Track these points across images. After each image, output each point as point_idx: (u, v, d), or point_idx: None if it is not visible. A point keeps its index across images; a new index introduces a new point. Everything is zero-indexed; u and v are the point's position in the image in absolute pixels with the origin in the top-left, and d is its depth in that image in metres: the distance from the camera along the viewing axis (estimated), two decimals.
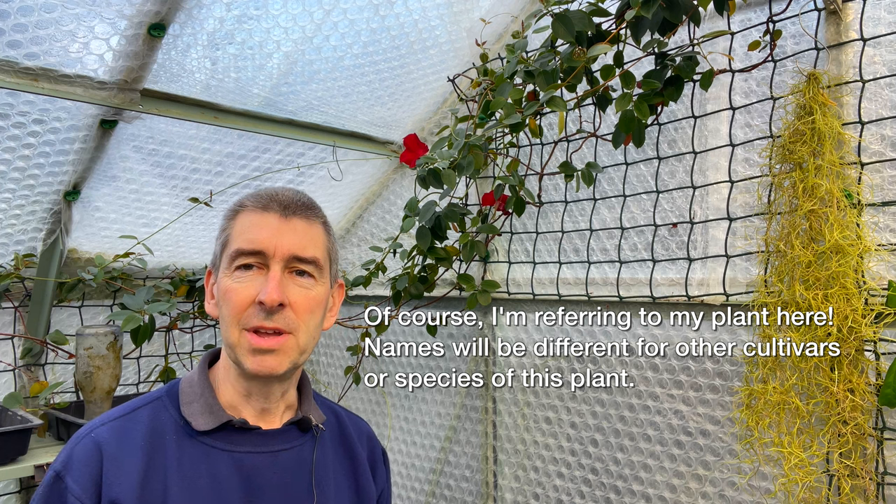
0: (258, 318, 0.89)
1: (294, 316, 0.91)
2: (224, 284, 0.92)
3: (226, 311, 0.91)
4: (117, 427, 0.91)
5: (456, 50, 1.99)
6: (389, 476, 1.14)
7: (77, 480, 0.86)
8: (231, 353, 0.92)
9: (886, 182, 1.37)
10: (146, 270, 2.09)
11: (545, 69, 1.39)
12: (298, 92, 1.97)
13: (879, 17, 1.40)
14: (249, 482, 0.91)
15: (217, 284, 0.95)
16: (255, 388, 0.94)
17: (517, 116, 1.43)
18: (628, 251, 1.81)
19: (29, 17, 1.45)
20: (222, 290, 0.92)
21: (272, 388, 0.95)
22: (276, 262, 0.91)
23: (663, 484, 1.71)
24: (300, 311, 0.91)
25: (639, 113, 1.42)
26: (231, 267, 0.92)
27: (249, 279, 0.90)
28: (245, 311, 0.89)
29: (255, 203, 0.94)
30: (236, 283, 0.91)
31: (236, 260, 0.91)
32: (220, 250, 0.95)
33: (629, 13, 1.29)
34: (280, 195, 0.95)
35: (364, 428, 1.12)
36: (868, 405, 1.24)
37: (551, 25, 1.33)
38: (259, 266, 0.91)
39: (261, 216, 0.92)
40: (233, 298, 0.90)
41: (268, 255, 0.91)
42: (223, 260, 0.94)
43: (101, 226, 2.00)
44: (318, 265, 0.94)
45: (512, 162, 1.72)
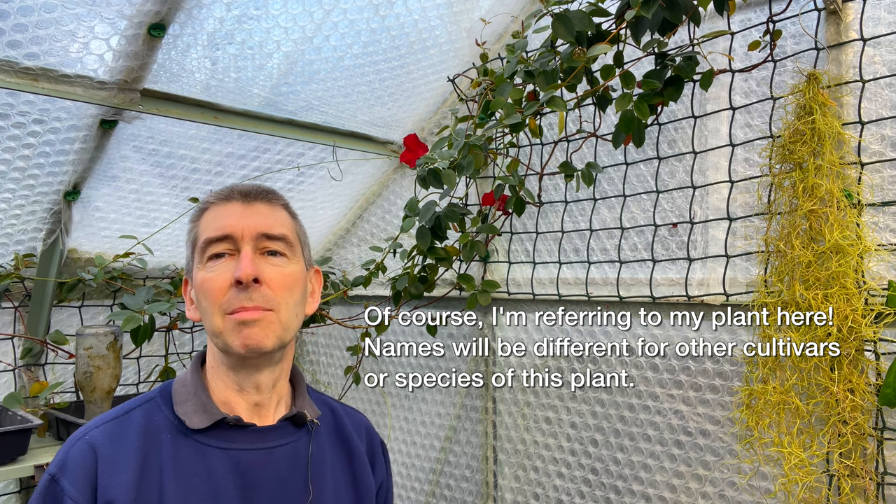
0: (238, 299, 0.90)
1: (271, 293, 0.92)
2: (199, 277, 0.93)
3: (206, 301, 0.92)
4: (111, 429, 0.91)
5: (456, 50, 1.99)
6: (389, 467, 1.14)
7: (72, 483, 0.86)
8: (218, 342, 0.93)
9: (886, 182, 1.37)
10: (146, 270, 2.09)
11: (545, 69, 1.39)
12: (298, 92, 1.97)
13: (879, 17, 1.40)
14: (245, 479, 0.91)
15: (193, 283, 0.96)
16: (246, 378, 0.94)
17: (517, 116, 1.43)
18: (628, 251, 1.81)
19: (29, 17, 1.45)
20: (198, 284, 0.93)
21: (262, 375, 0.95)
22: (246, 242, 0.92)
23: (663, 484, 1.71)
24: (277, 288, 0.92)
25: (639, 113, 1.42)
26: (203, 259, 0.93)
27: (223, 266, 0.92)
28: (224, 295, 0.90)
29: (216, 197, 0.97)
30: (210, 272, 0.92)
31: (207, 250, 0.93)
32: (191, 250, 0.97)
33: (629, 13, 1.29)
34: (239, 186, 0.98)
35: (361, 420, 1.12)
36: (868, 405, 1.24)
37: (551, 25, 1.33)
38: (230, 253, 0.92)
39: (224, 206, 0.95)
40: (210, 287, 0.91)
41: (236, 238, 0.92)
42: (195, 256, 0.95)
43: (101, 226, 2.00)
44: (287, 241, 0.96)
45: (512, 162, 1.72)
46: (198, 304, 0.95)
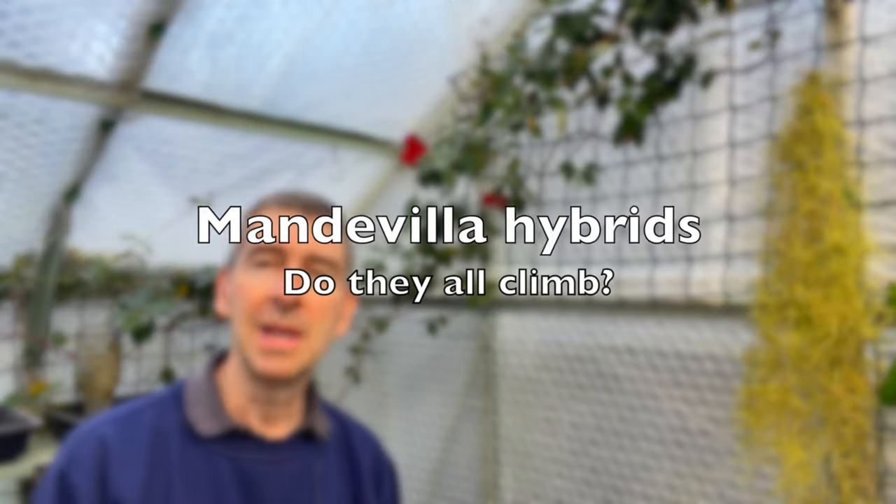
0: (272, 315, 0.87)
1: (308, 316, 0.89)
2: (239, 280, 0.91)
3: (239, 306, 0.90)
4: (120, 426, 0.90)
5: (456, 50, 1.99)
6: (396, 493, 1.11)
7: (84, 476, 0.84)
8: (241, 352, 0.91)
9: (886, 182, 1.37)
10: (146, 270, 2.09)
11: (545, 69, 1.39)
12: (298, 92, 1.97)
13: (879, 17, 1.40)
14: (250, 491, 0.90)
15: (231, 282, 0.94)
16: (261, 392, 0.93)
17: (517, 116, 1.43)
18: (628, 251, 1.81)
19: (29, 17, 1.45)
20: (237, 286, 0.91)
21: (278, 394, 0.93)
22: (294, 260, 0.90)
23: (663, 484, 1.71)
24: (314, 312, 0.90)
25: (639, 113, 1.42)
26: (248, 263, 0.91)
27: (266, 276, 0.89)
28: (259, 307, 0.88)
29: (276, 202, 0.94)
30: (252, 279, 0.89)
31: (254, 256, 0.90)
32: (237, 248, 0.95)
33: (629, 13, 1.29)
34: (302, 196, 0.95)
35: (371, 440, 1.10)
36: (868, 405, 1.24)
37: (551, 25, 1.33)
38: (276, 264, 0.90)
39: (282, 214, 0.92)
40: (247, 294, 0.89)
41: (286, 253, 0.90)
42: (240, 256, 0.93)
43: (101, 226, 2.00)
44: (335, 266, 0.93)
45: (512, 162, 1.72)
46: (230, 304, 0.93)
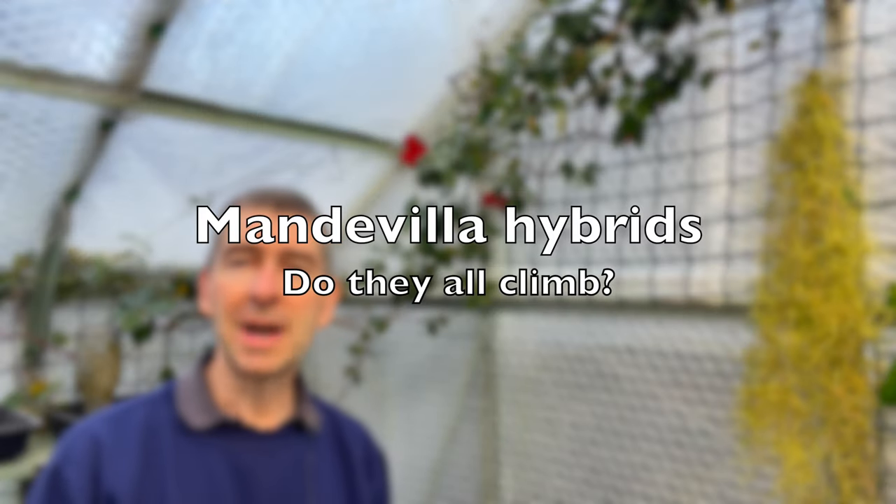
0: (252, 312, 0.89)
1: (288, 311, 0.91)
2: (218, 280, 0.92)
3: (220, 306, 0.91)
4: (113, 423, 0.91)
5: (456, 50, 1.99)
6: (387, 480, 1.13)
7: (77, 473, 0.86)
8: (225, 350, 0.93)
9: (886, 182, 1.37)
10: (146, 270, 2.09)
11: (545, 69, 1.39)
12: (298, 92, 1.97)
13: (879, 17, 1.40)
14: (243, 482, 0.91)
15: (211, 281, 0.95)
16: (249, 386, 0.95)
17: (517, 116, 1.43)
18: (628, 251, 1.81)
19: (29, 17, 1.45)
20: (216, 286, 0.92)
21: (265, 386, 0.95)
22: (270, 256, 0.91)
23: (663, 484, 1.71)
24: (294, 306, 0.91)
25: (639, 113, 1.42)
26: (225, 263, 0.92)
27: (243, 274, 0.90)
28: (239, 305, 0.89)
29: (248, 200, 0.95)
30: (230, 278, 0.91)
31: (230, 255, 0.92)
32: (214, 248, 0.96)
33: (629, 13, 1.29)
34: (274, 192, 0.96)
35: (359, 429, 1.11)
36: (868, 405, 1.24)
37: (551, 25, 1.33)
38: (253, 262, 0.91)
39: (254, 212, 0.93)
40: (226, 293, 0.90)
41: (261, 251, 0.91)
42: (217, 256, 0.94)
43: (101, 226, 2.00)
44: (311, 259, 0.94)
45: (512, 162, 1.72)
46: (212, 303, 0.94)
